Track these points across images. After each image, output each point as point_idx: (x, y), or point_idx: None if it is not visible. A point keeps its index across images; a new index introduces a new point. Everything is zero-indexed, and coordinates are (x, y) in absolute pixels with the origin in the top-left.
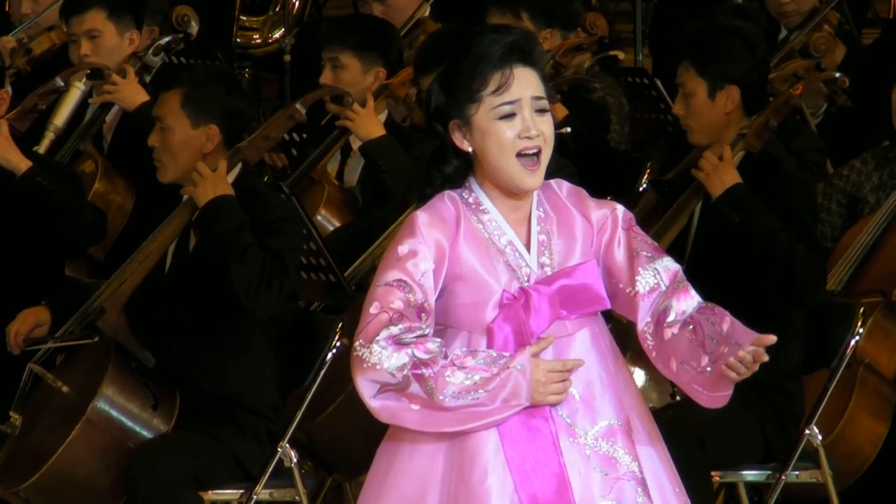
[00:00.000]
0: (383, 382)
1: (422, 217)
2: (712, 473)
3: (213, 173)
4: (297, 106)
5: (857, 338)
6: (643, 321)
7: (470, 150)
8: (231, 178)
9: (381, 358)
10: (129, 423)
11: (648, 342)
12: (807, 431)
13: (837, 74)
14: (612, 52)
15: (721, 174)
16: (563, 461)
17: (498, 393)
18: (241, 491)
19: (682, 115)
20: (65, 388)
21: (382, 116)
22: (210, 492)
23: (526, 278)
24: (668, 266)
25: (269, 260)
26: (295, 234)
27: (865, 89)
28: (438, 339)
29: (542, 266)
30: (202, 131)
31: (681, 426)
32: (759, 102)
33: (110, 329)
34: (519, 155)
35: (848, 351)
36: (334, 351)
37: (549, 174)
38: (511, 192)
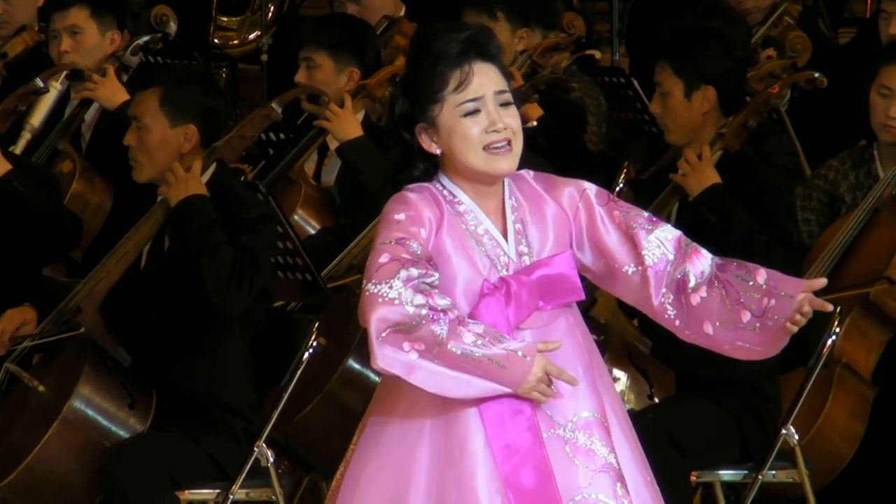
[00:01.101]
0: (395, 322)
1: (411, 194)
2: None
3: (187, 174)
4: (273, 105)
5: (835, 337)
6: (658, 295)
7: (438, 151)
8: (206, 177)
9: (400, 293)
10: (106, 423)
11: (669, 313)
12: (783, 431)
13: (816, 74)
14: (589, 52)
15: (700, 173)
16: (546, 453)
17: (495, 372)
18: (218, 490)
19: (658, 114)
20: (41, 388)
21: (359, 116)
22: (186, 491)
23: (505, 267)
24: (669, 234)
25: (239, 257)
26: (269, 232)
27: (842, 89)
28: (448, 297)
29: (520, 255)
30: (180, 131)
31: (659, 429)
32: (737, 103)
33: (86, 329)
34: (487, 149)
35: (825, 350)
36: (311, 351)
37: None
38: (483, 181)
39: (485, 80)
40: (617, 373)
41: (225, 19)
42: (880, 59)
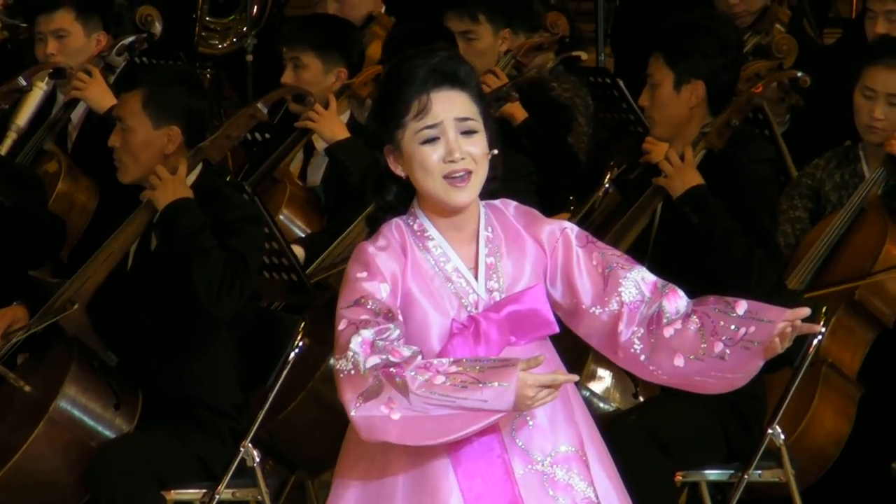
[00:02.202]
0: (361, 392)
1: (371, 248)
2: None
3: (172, 176)
4: (259, 105)
5: (820, 336)
6: (629, 331)
7: (403, 175)
8: (192, 177)
9: (355, 362)
10: (92, 423)
11: (636, 347)
12: (769, 431)
13: (799, 73)
14: (574, 53)
15: (683, 174)
16: (519, 492)
17: (479, 408)
18: (204, 490)
19: (646, 105)
20: (27, 388)
21: (344, 116)
22: (173, 491)
23: (473, 305)
24: (647, 276)
25: (230, 261)
26: (257, 233)
27: (827, 89)
28: (415, 347)
29: (490, 291)
30: (164, 132)
31: (644, 429)
32: (725, 103)
33: (73, 328)
34: (446, 177)
35: (811, 350)
36: (297, 351)
37: (507, 173)
38: (449, 213)
39: (446, 107)
40: (602, 372)
41: (213, 21)
42: (863, 59)
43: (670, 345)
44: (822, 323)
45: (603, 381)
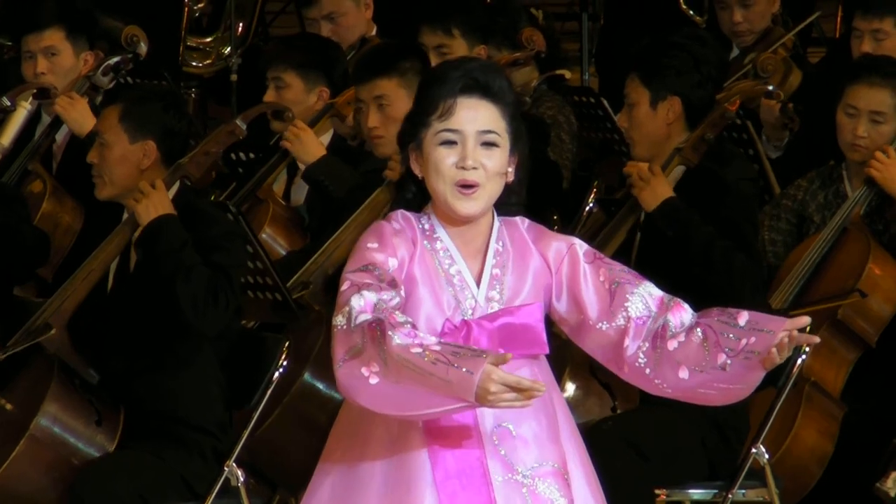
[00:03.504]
0: (348, 348)
1: (388, 226)
2: (658, 491)
3: (155, 191)
4: (238, 122)
5: (804, 356)
6: (634, 345)
7: (421, 175)
8: (171, 194)
9: (349, 316)
10: (73, 440)
11: (640, 361)
12: (753, 450)
13: (771, 87)
14: (558, 72)
15: (653, 188)
16: (494, 496)
17: (442, 387)
18: None
19: (625, 127)
20: (9, 406)
21: (328, 136)
22: None
23: (470, 311)
24: (654, 291)
25: (214, 276)
26: (238, 249)
27: (812, 109)
28: (410, 318)
29: (489, 300)
30: (139, 147)
31: (621, 436)
32: (704, 118)
33: (53, 346)
34: (456, 185)
35: (794, 369)
36: (281, 370)
37: None
38: (458, 222)
39: (470, 115)
40: (574, 386)
41: (194, 40)
42: (846, 78)
43: (674, 357)
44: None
45: (582, 393)
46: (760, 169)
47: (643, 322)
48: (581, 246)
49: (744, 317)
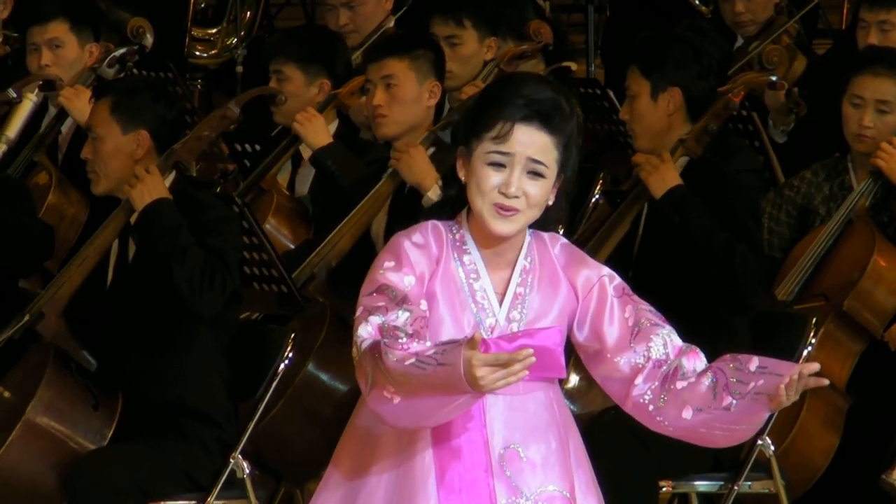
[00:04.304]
0: (365, 379)
1: (406, 242)
2: (662, 483)
3: (150, 176)
4: (231, 105)
5: (810, 348)
6: (645, 385)
7: (464, 180)
8: (167, 182)
9: (358, 348)
10: (69, 425)
11: (646, 398)
12: (759, 442)
13: (773, 78)
14: (564, 63)
15: (662, 174)
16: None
17: (441, 387)
18: (193, 502)
19: (627, 119)
20: (6, 394)
21: (332, 126)
22: (160, 503)
23: (490, 330)
24: (674, 339)
25: (209, 258)
26: (232, 232)
27: (818, 100)
28: (409, 331)
29: (510, 320)
30: (132, 137)
31: (624, 428)
32: (705, 110)
33: (49, 334)
34: (494, 205)
35: (800, 361)
36: (287, 363)
37: None
38: (490, 237)
39: (525, 142)
40: (578, 377)
41: (199, 32)
42: (851, 69)
43: (681, 396)
44: (812, 335)
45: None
46: (766, 160)
47: (659, 365)
48: (612, 278)
49: (755, 362)
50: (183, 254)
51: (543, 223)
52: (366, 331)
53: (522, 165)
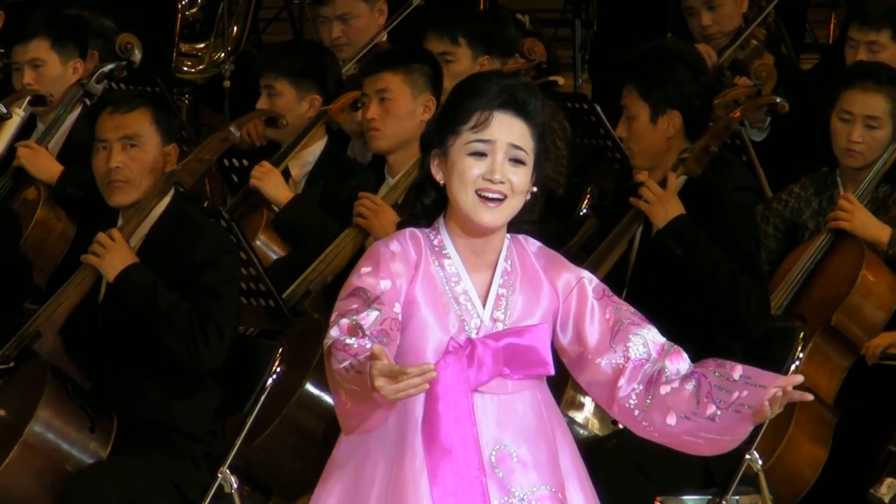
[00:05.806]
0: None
1: (384, 248)
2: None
3: (115, 243)
4: (231, 129)
5: (798, 362)
6: (629, 387)
7: (442, 182)
8: (164, 203)
9: (328, 351)
10: (66, 446)
11: (631, 402)
12: (747, 456)
13: (778, 99)
14: (551, 78)
15: (664, 204)
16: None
17: (356, 381)
18: None
19: (624, 137)
20: (2, 412)
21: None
22: None
23: (475, 330)
24: (656, 338)
25: (195, 311)
26: (230, 263)
27: (805, 115)
28: (366, 332)
29: (494, 320)
30: (168, 150)
31: (624, 453)
32: (702, 128)
33: (46, 352)
34: (479, 193)
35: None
36: (275, 377)
37: None
38: (474, 233)
39: (504, 129)
40: (581, 399)
41: (187, 47)
42: (840, 84)
43: (665, 402)
44: (799, 349)
45: (583, 408)
46: (753, 175)
47: (640, 365)
48: (591, 281)
49: (738, 370)
50: (167, 319)
51: (517, 225)
52: (333, 333)
53: (504, 152)
